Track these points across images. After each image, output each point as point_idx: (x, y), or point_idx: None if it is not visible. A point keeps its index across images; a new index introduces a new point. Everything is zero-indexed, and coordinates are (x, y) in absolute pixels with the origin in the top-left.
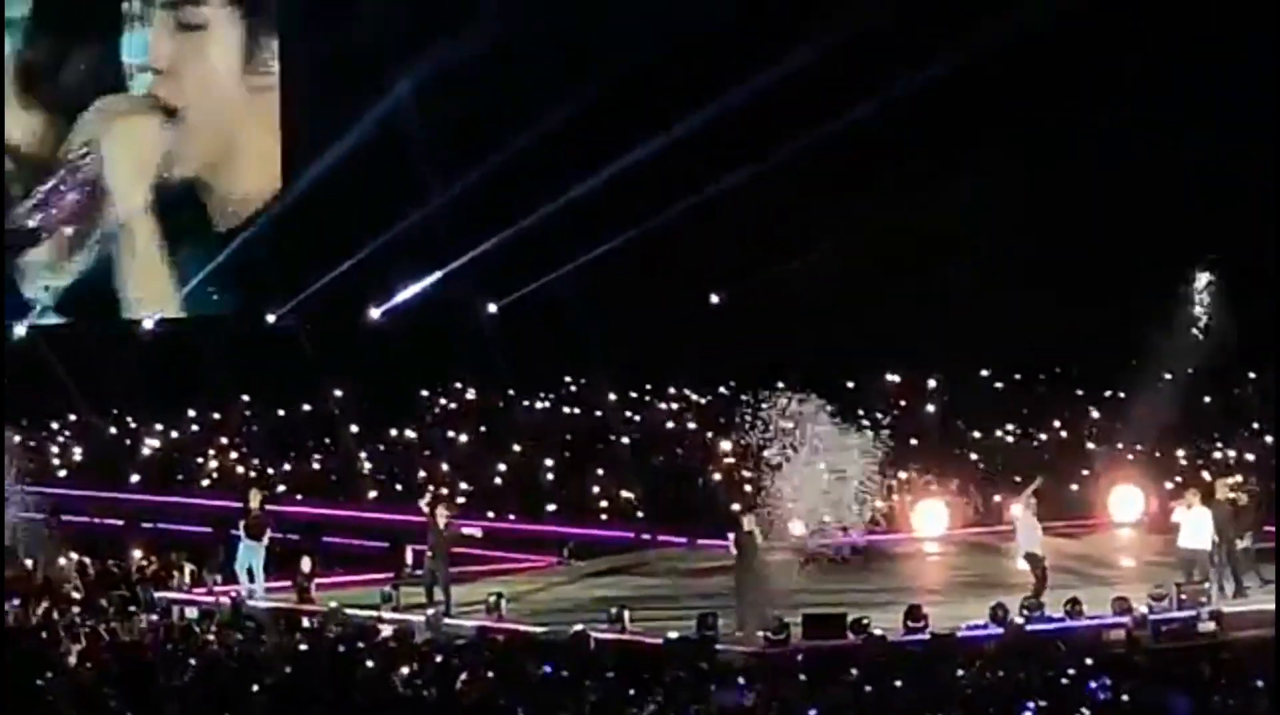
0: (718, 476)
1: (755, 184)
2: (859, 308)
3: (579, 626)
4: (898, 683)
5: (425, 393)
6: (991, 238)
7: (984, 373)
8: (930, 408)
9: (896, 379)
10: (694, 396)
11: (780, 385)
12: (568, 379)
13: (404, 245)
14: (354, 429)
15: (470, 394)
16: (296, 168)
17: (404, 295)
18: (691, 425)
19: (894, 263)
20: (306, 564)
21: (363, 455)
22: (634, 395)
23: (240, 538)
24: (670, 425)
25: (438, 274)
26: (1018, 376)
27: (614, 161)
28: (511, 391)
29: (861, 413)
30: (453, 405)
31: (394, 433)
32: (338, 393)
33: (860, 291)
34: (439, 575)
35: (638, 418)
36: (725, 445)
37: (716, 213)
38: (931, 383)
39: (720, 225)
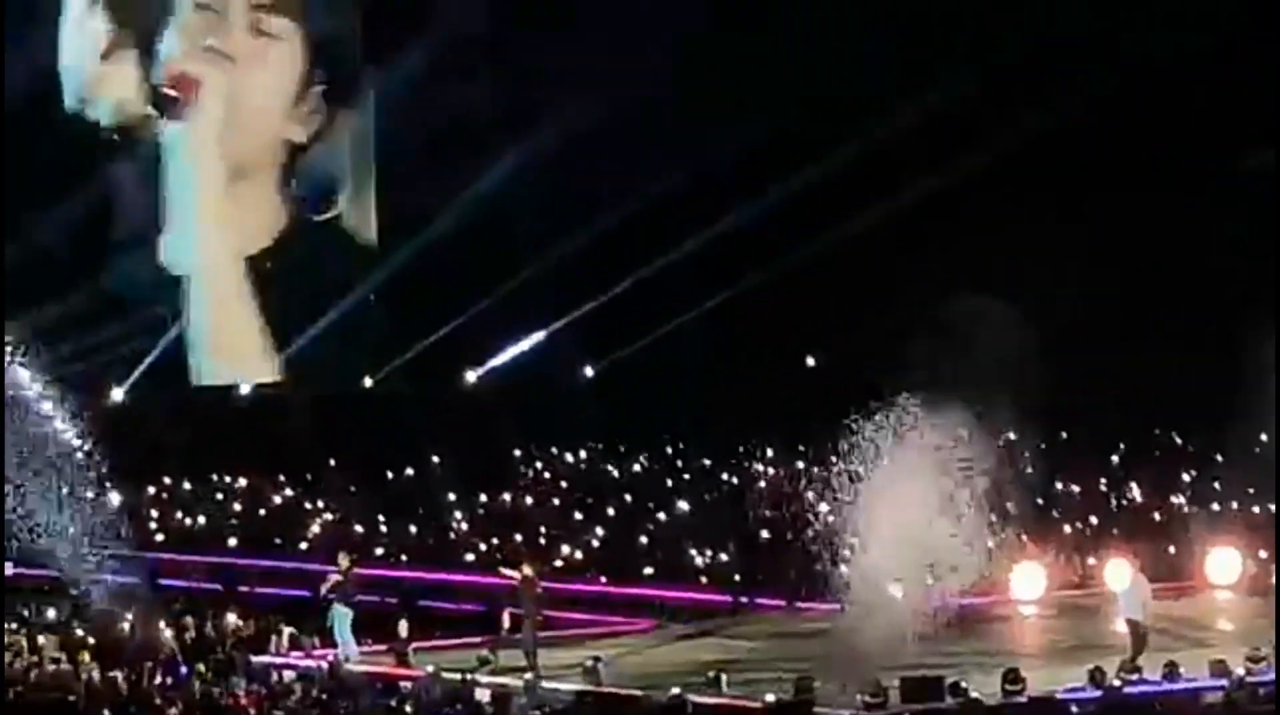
0: (815, 538)
1: (850, 245)
2: (951, 368)
3: (676, 690)
4: None
5: (521, 456)
6: (1085, 295)
7: (1065, 434)
8: (1029, 469)
9: (998, 441)
10: (791, 458)
11: (878, 445)
12: (664, 441)
13: (501, 309)
14: (451, 492)
15: (566, 457)
16: (395, 230)
17: (500, 359)
18: (790, 487)
19: (987, 321)
20: (404, 628)
21: (459, 518)
22: (731, 457)
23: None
24: (767, 486)
25: (535, 338)
26: (1115, 439)
27: (712, 224)
28: (607, 454)
29: (961, 473)
30: (548, 469)
31: (491, 496)
32: (435, 457)
33: (951, 352)
34: (529, 638)
35: (734, 479)
36: (824, 506)
37: (813, 275)
38: (1024, 441)
39: (816, 287)
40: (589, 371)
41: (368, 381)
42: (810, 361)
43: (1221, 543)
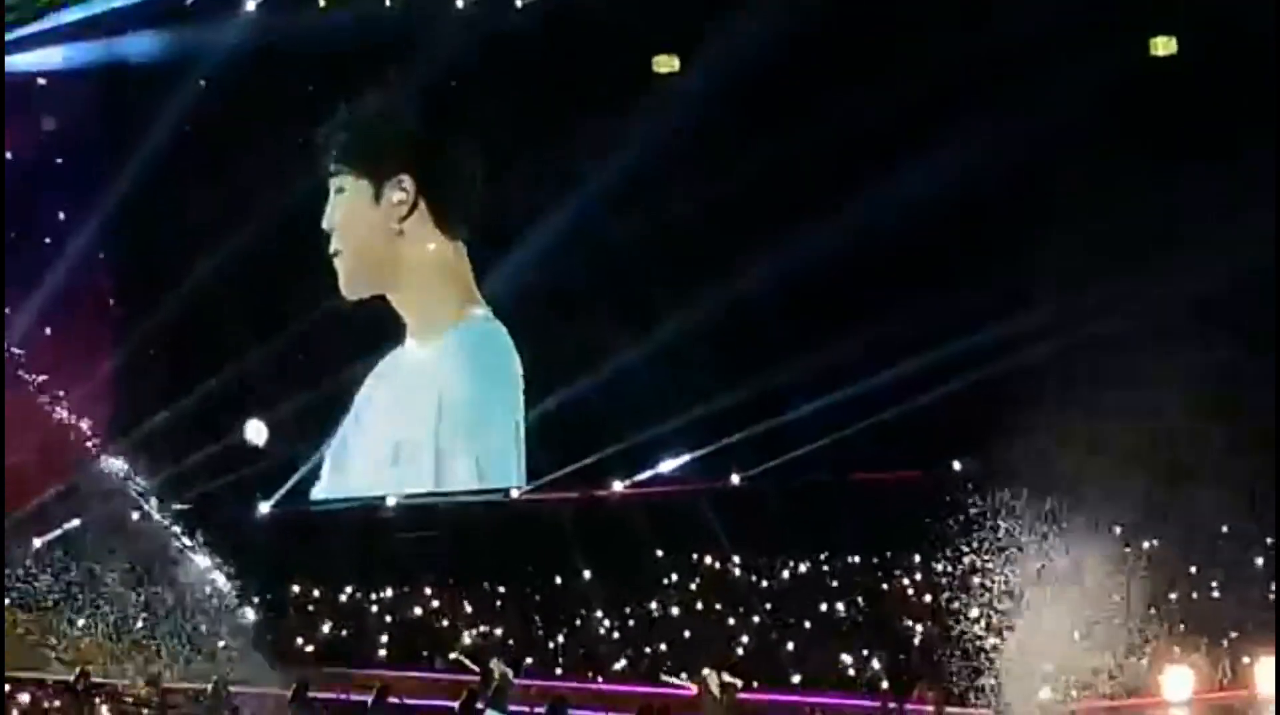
0: (965, 643)
1: (984, 356)
2: (1102, 471)
3: None
4: None
5: (668, 564)
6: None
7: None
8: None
9: (1147, 545)
10: (939, 565)
11: (1026, 548)
12: (811, 549)
13: (651, 427)
14: (598, 602)
15: (714, 564)
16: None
17: (647, 473)
18: (941, 592)
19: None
20: None
21: (609, 627)
22: (876, 562)
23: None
24: (914, 592)
25: (685, 456)
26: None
27: (860, 338)
28: (756, 562)
29: (1107, 572)
30: (696, 577)
31: (637, 605)
32: (583, 566)
33: (1101, 457)
34: None
35: (885, 585)
36: (974, 611)
37: (953, 379)
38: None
39: (959, 394)
40: (736, 479)
41: (514, 493)
42: (957, 465)
43: None
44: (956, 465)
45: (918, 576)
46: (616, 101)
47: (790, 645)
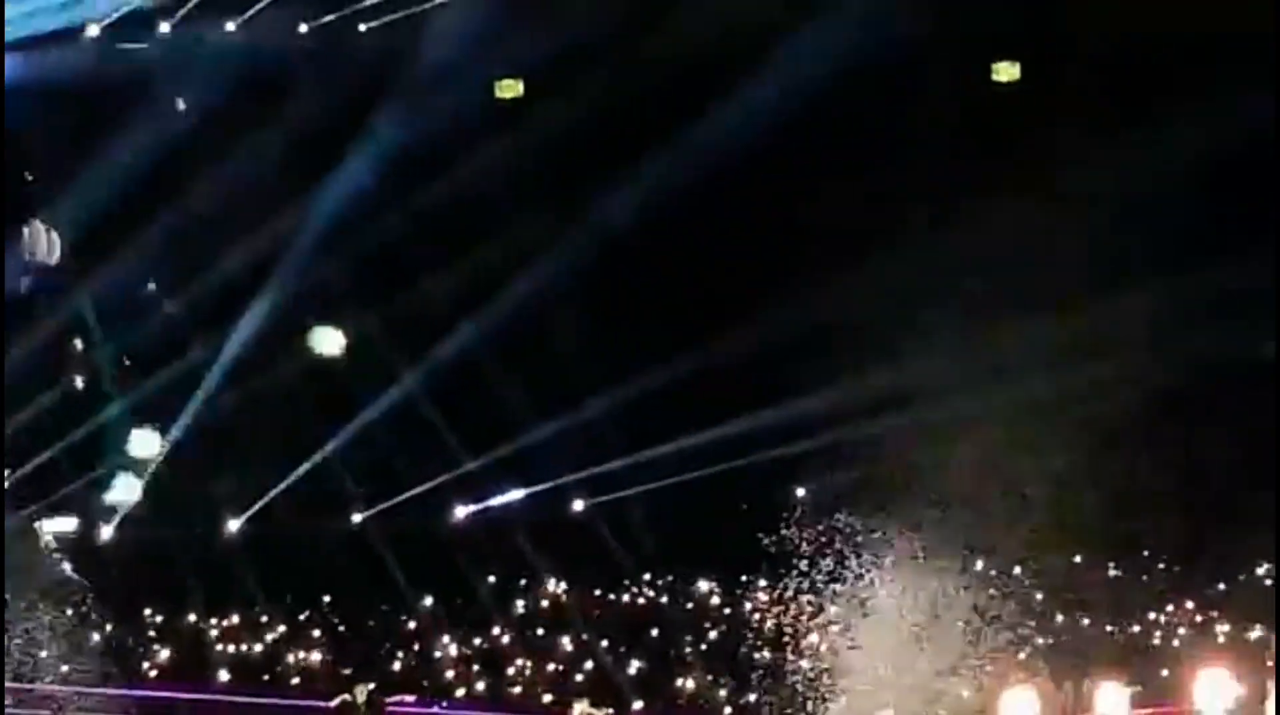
0: (805, 669)
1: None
2: (947, 498)
3: None
4: None
5: (512, 591)
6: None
7: (1076, 559)
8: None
9: (991, 570)
10: (784, 589)
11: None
12: (650, 576)
13: (493, 453)
14: (439, 628)
15: (556, 591)
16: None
17: (494, 501)
18: (782, 619)
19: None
20: None
21: (449, 652)
22: (725, 588)
23: None
24: (758, 618)
25: (527, 489)
26: (1109, 563)
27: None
28: (598, 588)
29: (948, 596)
30: (540, 603)
31: (480, 632)
32: (423, 593)
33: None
34: None
35: (727, 611)
36: (818, 637)
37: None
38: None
39: (798, 422)
40: (579, 505)
41: (356, 517)
42: (800, 492)
43: (1213, 666)
44: (800, 491)
45: (761, 601)
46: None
47: (632, 671)
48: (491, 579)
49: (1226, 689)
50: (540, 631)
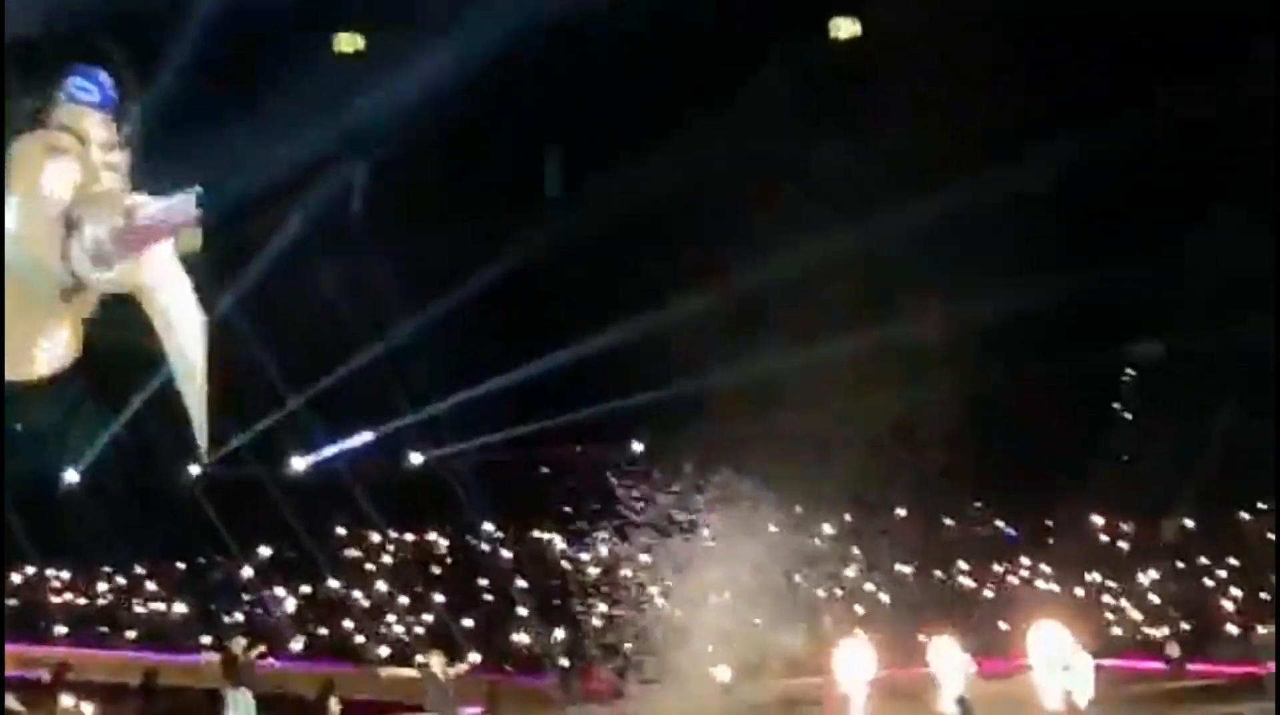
0: (641, 621)
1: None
2: (774, 450)
3: None
4: None
5: (349, 541)
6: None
7: (901, 512)
8: (855, 549)
9: (827, 527)
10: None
11: (700, 529)
12: (490, 527)
13: (330, 401)
14: (277, 578)
15: (395, 542)
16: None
17: (329, 451)
18: (617, 572)
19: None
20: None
21: (286, 605)
22: (563, 541)
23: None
24: (598, 571)
25: (365, 435)
26: (942, 516)
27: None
28: (438, 539)
29: (783, 549)
30: (375, 555)
31: (315, 583)
32: (261, 544)
33: (775, 435)
34: None
35: (565, 563)
36: (653, 589)
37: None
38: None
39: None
40: (416, 458)
41: (194, 469)
42: (637, 446)
43: (1046, 619)
44: (636, 445)
45: (598, 554)
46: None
47: (469, 623)
48: (329, 530)
49: (1059, 640)
50: (379, 584)
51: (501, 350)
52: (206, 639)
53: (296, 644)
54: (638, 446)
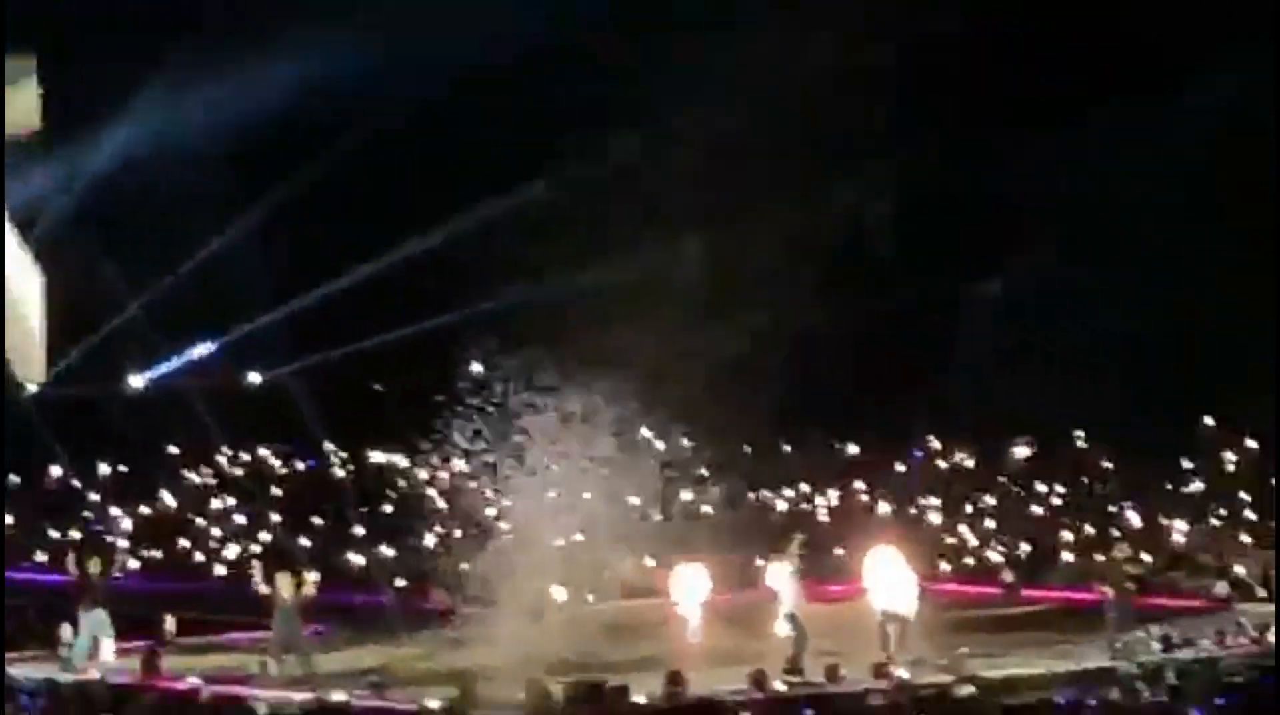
0: (475, 539)
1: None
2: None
3: (340, 695)
4: None
5: (186, 459)
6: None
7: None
8: (693, 472)
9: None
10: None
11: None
12: (331, 446)
13: (169, 312)
14: (114, 497)
15: (233, 461)
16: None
17: (169, 365)
18: (454, 492)
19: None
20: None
21: (125, 523)
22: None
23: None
24: (439, 490)
25: (204, 346)
26: (784, 437)
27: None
28: (274, 457)
29: (620, 471)
30: (214, 473)
31: (153, 501)
32: (98, 461)
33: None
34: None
35: (405, 481)
36: (489, 511)
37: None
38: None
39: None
40: (256, 376)
41: (31, 387)
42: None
43: (884, 542)
44: (475, 365)
45: (436, 475)
46: None
47: (307, 542)
48: (165, 448)
49: (894, 566)
50: (215, 501)
51: (334, 261)
52: (41, 556)
53: (133, 563)
54: (476, 366)
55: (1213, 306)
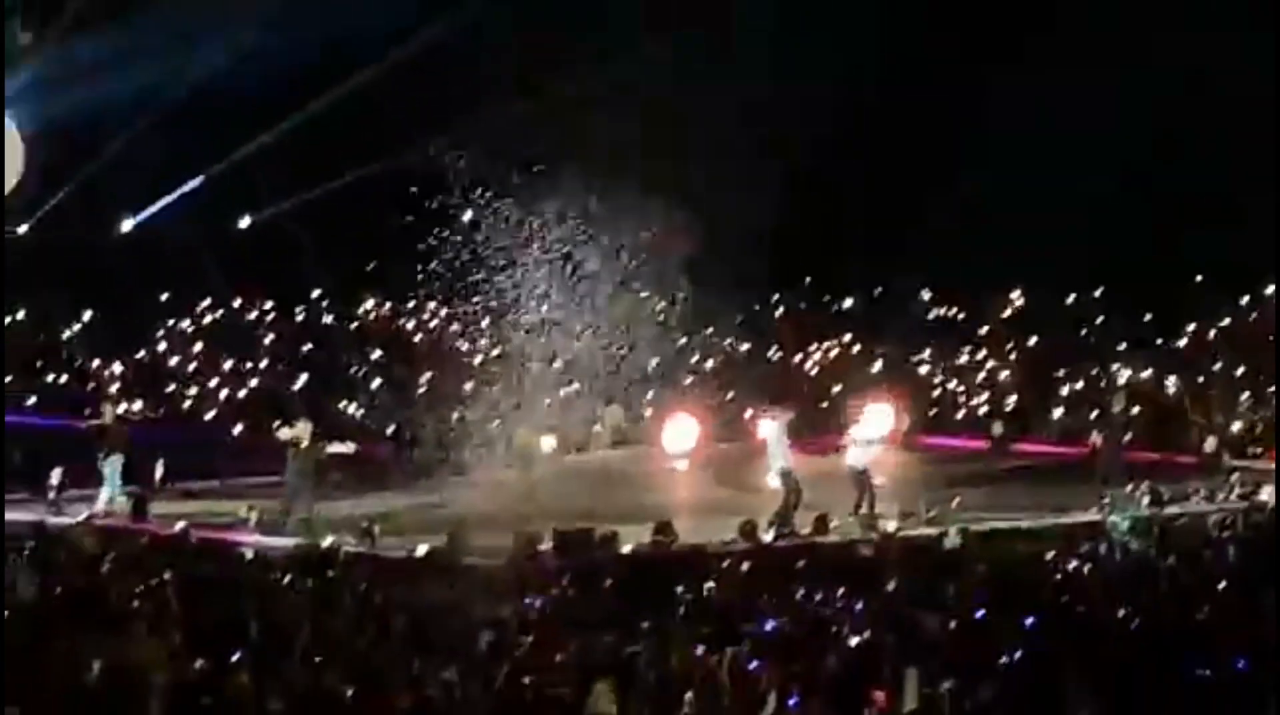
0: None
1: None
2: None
3: (331, 541)
4: None
5: (171, 307)
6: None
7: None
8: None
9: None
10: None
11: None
12: (317, 293)
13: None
14: (101, 344)
15: (218, 309)
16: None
17: (151, 209)
18: (444, 336)
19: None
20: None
21: (112, 370)
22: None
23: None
24: (421, 339)
25: (184, 187)
26: (769, 291)
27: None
28: (264, 307)
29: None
30: (198, 321)
31: (138, 348)
32: (86, 307)
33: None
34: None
35: (393, 329)
36: (478, 360)
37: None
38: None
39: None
40: (245, 222)
41: (21, 229)
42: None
43: (874, 398)
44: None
45: (427, 324)
46: None
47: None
48: (155, 295)
49: (885, 421)
50: (202, 349)
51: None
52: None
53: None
54: (468, 215)
55: (1215, 158)
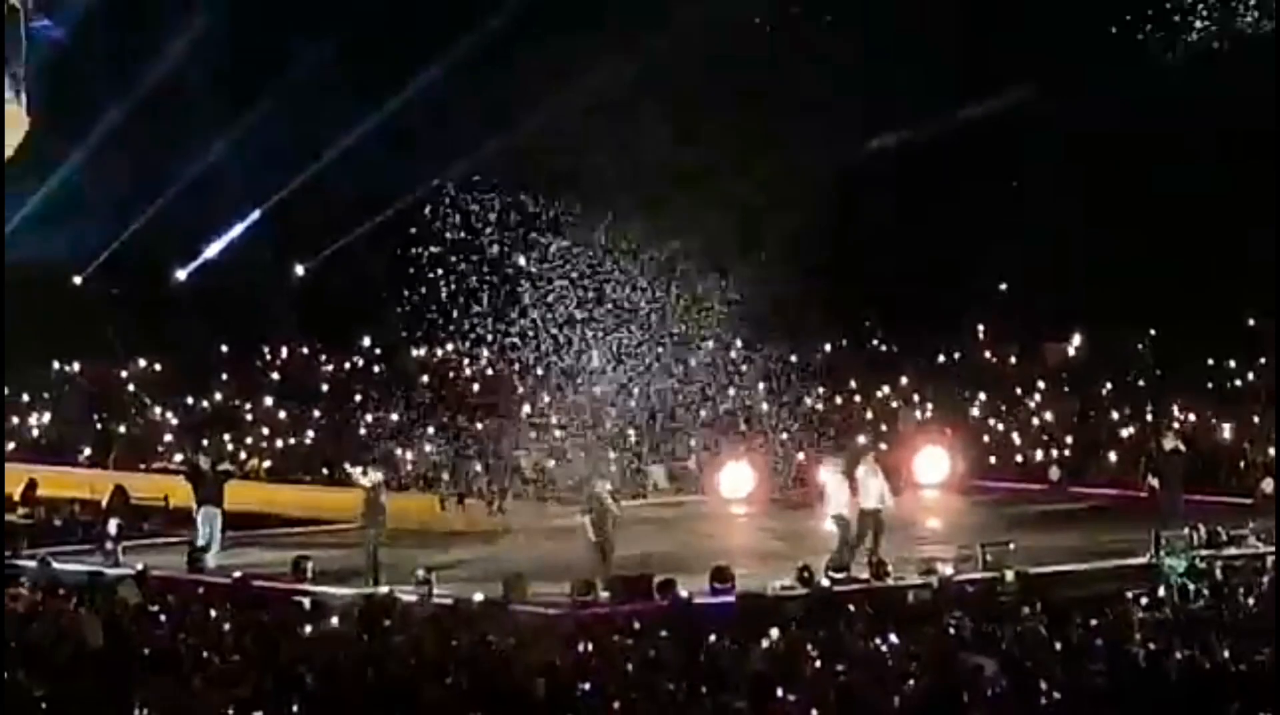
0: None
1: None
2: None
3: (385, 589)
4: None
5: (230, 354)
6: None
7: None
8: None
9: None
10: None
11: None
12: (367, 342)
13: (208, 202)
14: (160, 392)
15: (275, 355)
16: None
17: (209, 254)
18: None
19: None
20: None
21: (170, 419)
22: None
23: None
24: (476, 385)
25: (238, 229)
26: (825, 338)
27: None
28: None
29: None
30: (258, 368)
31: (199, 396)
32: (142, 356)
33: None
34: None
35: (449, 375)
36: (526, 409)
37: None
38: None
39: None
40: (300, 269)
41: (77, 279)
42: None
43: (930, 443)
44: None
45: (479, 370)
46: None
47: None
48: (213, 343)
49: (940, 465)
50: (268, 399)
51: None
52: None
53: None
54: (523, 260)
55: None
